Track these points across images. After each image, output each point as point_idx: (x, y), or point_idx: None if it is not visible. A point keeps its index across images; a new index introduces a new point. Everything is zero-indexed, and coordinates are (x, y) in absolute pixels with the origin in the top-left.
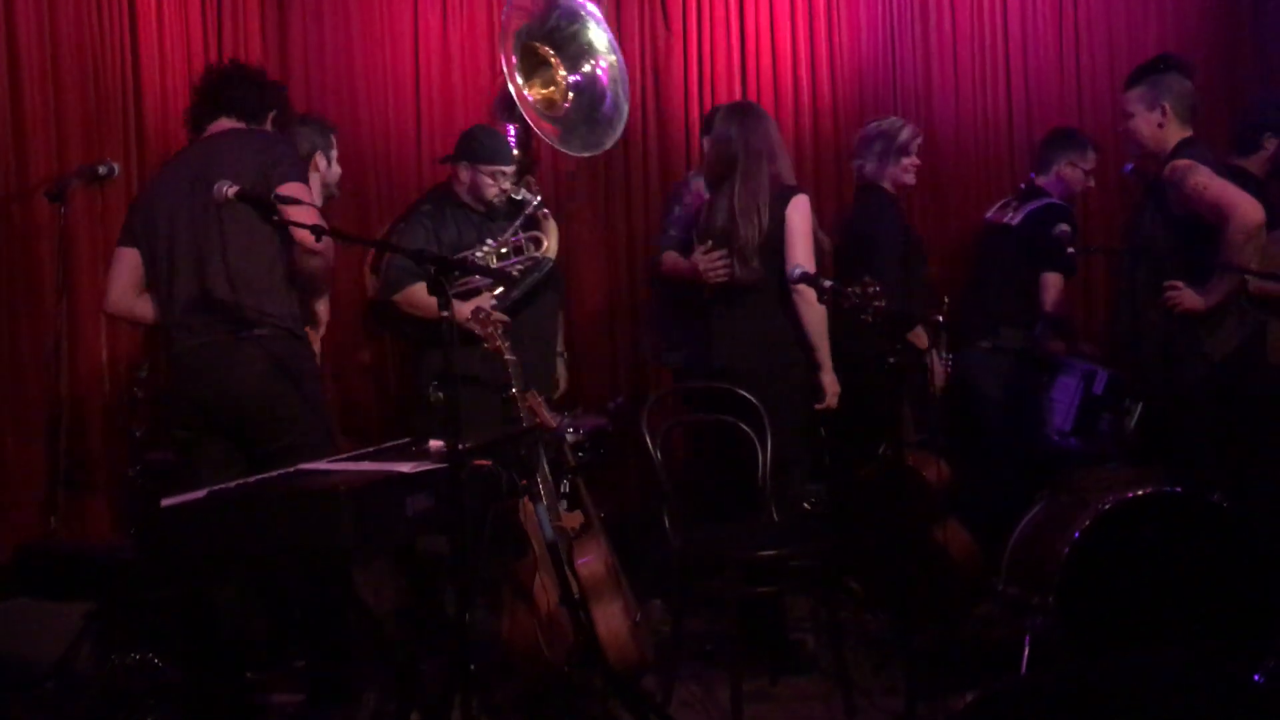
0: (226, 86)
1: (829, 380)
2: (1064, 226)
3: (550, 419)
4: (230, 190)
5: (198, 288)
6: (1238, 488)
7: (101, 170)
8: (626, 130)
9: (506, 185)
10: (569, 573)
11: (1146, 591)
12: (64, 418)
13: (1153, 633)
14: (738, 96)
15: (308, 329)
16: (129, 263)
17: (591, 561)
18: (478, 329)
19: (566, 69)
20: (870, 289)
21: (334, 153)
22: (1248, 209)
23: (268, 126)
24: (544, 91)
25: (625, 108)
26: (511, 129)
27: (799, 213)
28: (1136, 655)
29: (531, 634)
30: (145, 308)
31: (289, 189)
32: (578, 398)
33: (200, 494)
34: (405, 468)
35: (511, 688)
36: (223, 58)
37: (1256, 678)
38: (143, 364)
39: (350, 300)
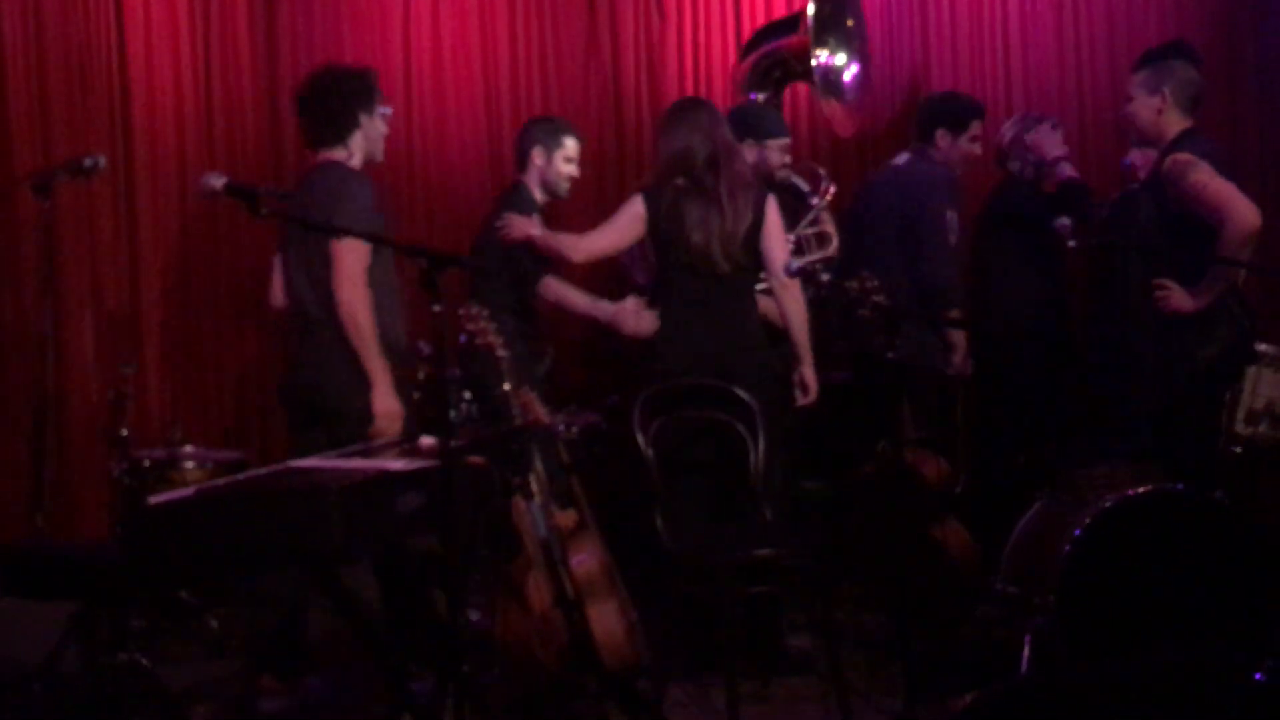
0: (309, 116)
1: (811, 375)
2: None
3: (544, 416)
4: (219, 183)
5: None
6: (1236, 485)
7: (87, 164)
8: (620, 122)
9: (788, 159)
10: (563, 572)
11: (1147, 590)
12: (50, 415)
13: (1154, 632)
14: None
15: None
16: None
17: (586, 560)
18: (469, 325)
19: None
20: (868, 284)
21: (560, 151)
22: (1246, 212)
23: (362, 125)
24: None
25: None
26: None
27: (775, 211)
28: (1137, 655)
29: (525, 635)
30: None
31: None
32: (572, 395)
33: (188, 492)
34: (396, 465)
35: (504, 689)
36: (210, 47)
37: (1258, 676)
38: (130, 361)
39: None
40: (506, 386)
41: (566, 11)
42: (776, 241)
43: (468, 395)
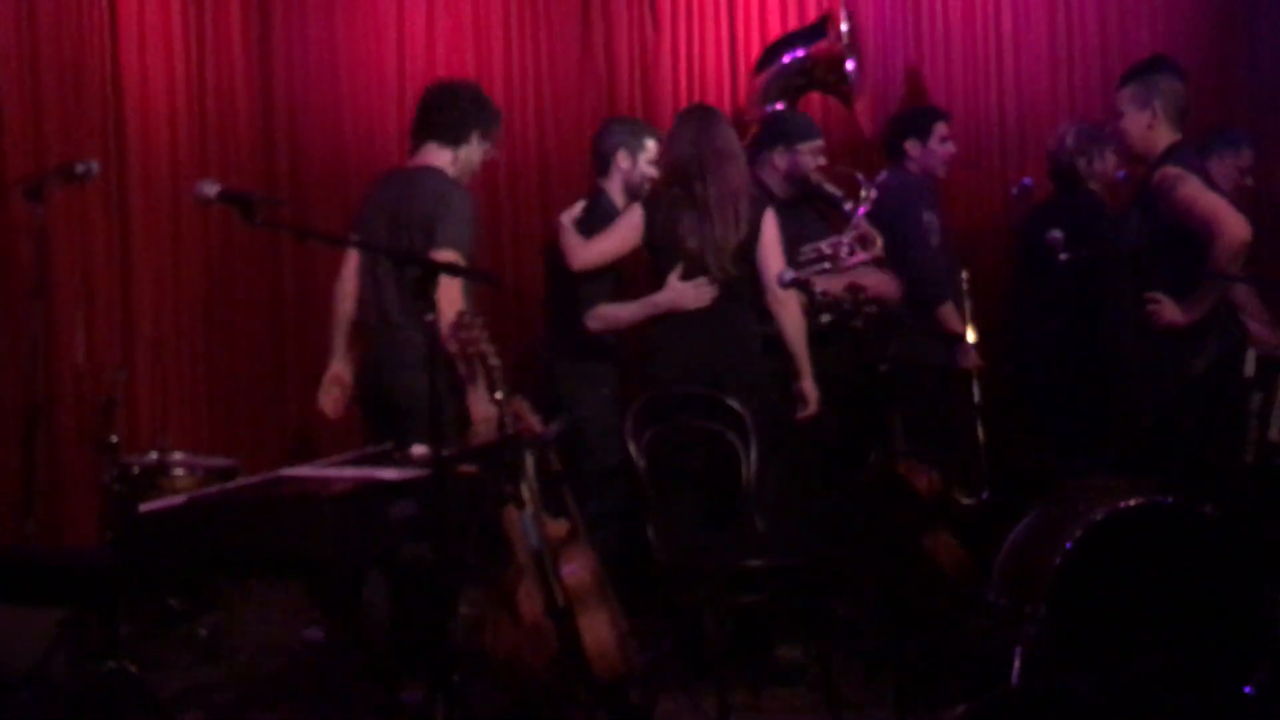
0: (430, 111)
1: (809, 386)
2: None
3: (536, 424)
4: (213, 190)
5: None
6: (1226, 498)
7: (80, 169)
8: None
9: (822, 161)
10: (554, 582)
11: (1138, 602)
12: (40, 420)
13: (1144, 644)
14: (728, 97)
15: None
16: None
17: (577, 570)
18: (460, 333)
19: None
20: (860, 295)
21: (644, 153)
22: (1236, 225)
23: (473, 143)
24: None
25: None
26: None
27: (772, 223)
28: (1128, 666)
29: (515, 644)
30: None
31: (444, 255)
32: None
33: (179, 499)
34: (388, 474)
35: (495, 699)
36: (204, 55)
37: (1247, 689)
38: (121, 367)
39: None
40: (499, 395)
41: (561, 20)
42: (771, 254)
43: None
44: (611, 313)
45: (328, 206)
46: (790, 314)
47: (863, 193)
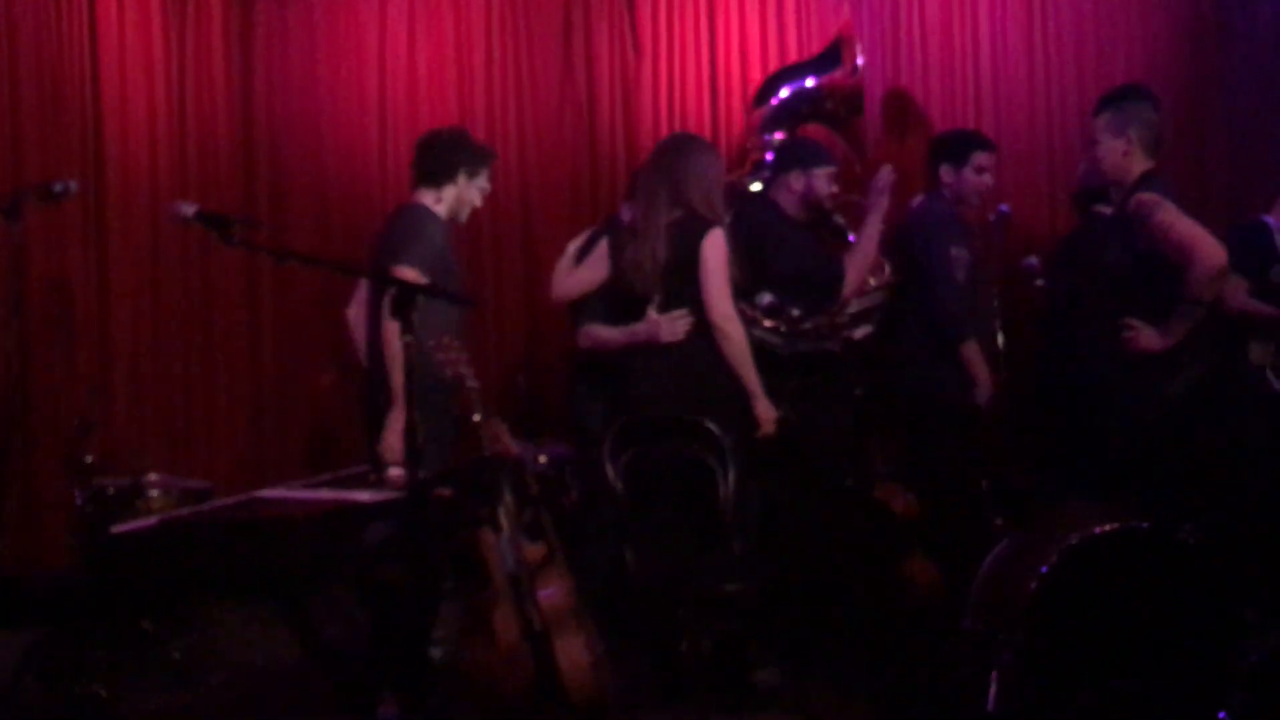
0: (416, 160)
1: (763, 407)
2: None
3: (513, 447)
4: (190, 211)
5: None
6: (1202, 523)
7: (57, 188)
8: (594, 155)
9: (834, 189)
10: (530, 605)
11: (1114, 627)
12: (14, 440)
13: (1120, 669)
14: (708, 121)
15: None
16: None
17: (553, 594)
18: (438, 355)
19: None
20: (838, 319)
21: None
22: (1212, 251)
23: (456, 183)
24: None
25: None
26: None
27: (713, 247)
28: (1104, 691)
29: (491, 667)
30: None
31: (402, 270)
32: (543, 426)
33: (152, 521)
34: (363, 496)
35: None
36: (185, 76)
37: (1221, 715)
38: (97, 387)
39: (306, 325)
40: (477, 417)
41: (542, 44)
42: (711, 280)
43: None
44: (598, 333)
45: (308, 228)
46: (730, 339)
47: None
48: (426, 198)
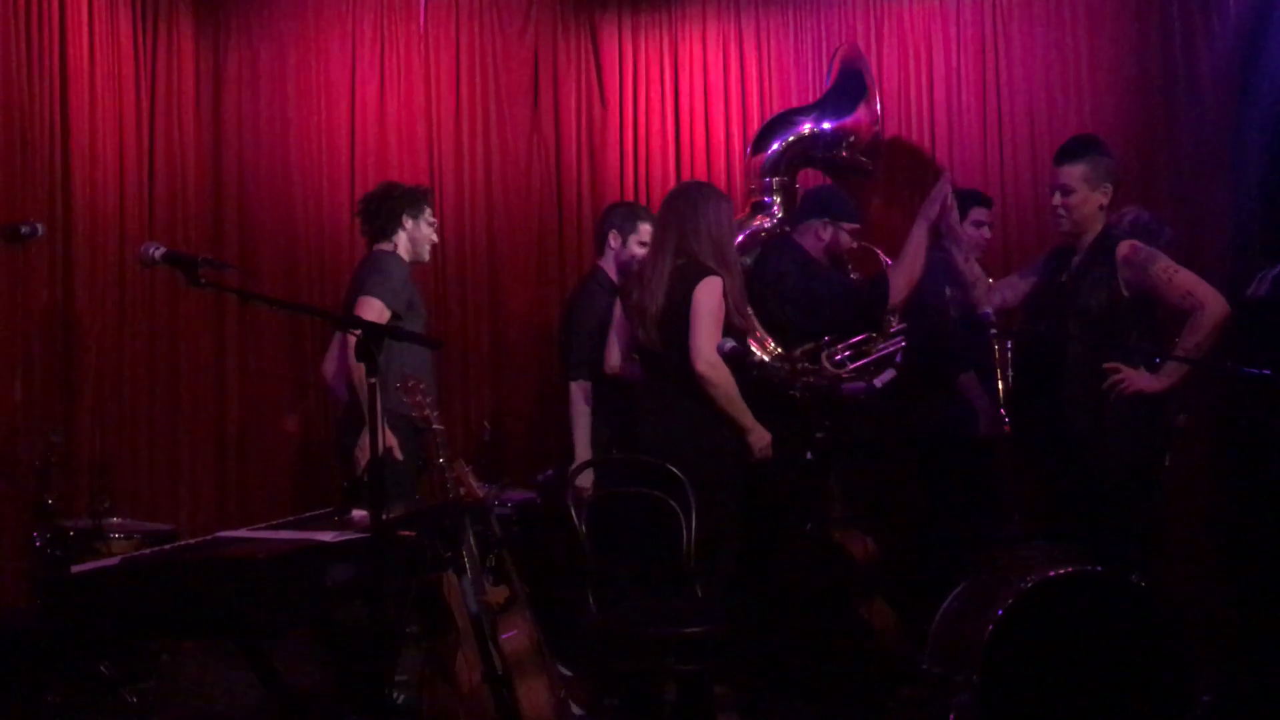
0: (363, 225)
1: (755, 437)
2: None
3: (477, 490)
4: (158, 252)
5: None
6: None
7: (24, 230)
8: (561, 203)
9: (855, 245)
10: (493, 649)
11: (1068, 669)
12: None
13: (1074, 711)
14: (672, 170)
15: None
16: None
17: (516, 636)
18: (405, 398)
19: None
20: (799, 364)
21: (635, 235)
22: (1218, 300)
23: (404, 228)
24: None
25: None
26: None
27: (706, 293)
28: None
29: (453, 710)
30: None
31: (364, 301)
32: (507, 469)
33: (113, 561)
34: (326, 537)
35: None
36: (155, 120)
37: None
38: (57, 427)
39: (271, 370)
40: (441, 460)
41: (510, 95)
42: (698, 325)
43: None
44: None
45: (276, 273)
46: (713, 384)
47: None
48: (385, 245)
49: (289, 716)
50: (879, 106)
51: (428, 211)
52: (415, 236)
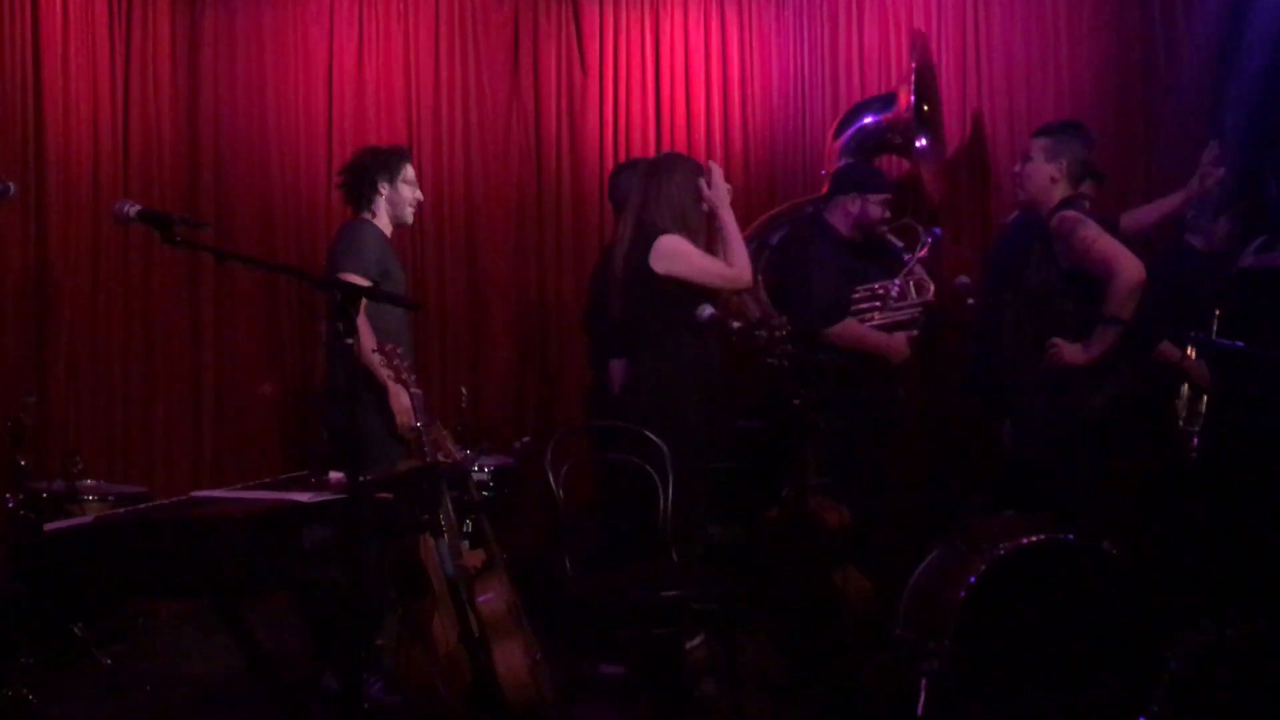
0: (344, 194)
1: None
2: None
3: (455, 454)
4: (132, 210)
5: None
6: (1123, 535)
7: None
8: (540, 170)
9: (887, 214)
10: (469, 611)
11: (1038, 636)
12: None
13: (1044, 676)
14: (652, 140)
15: None
16: None
17: (492, 599)
18: (381, 361)
19: None
20: (778, 332)
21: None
22: (1131, 266)
23: (381, 194)
24: None
25: None
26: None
27: (669, 247)
28: (1029, 698)
29: (428, 673)
30: None
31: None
32: (484, 437)
33: (86, 519)
34: (303, 498)
35: None
36: (130, 80)
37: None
38: (30, 388)
39: (247, 332)
40: (419, 424)
41: (490, 61)
42: (697, 269)
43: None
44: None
45: (252, 236)
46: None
47: (922, 240)
48: (365, 214)
49: (265, 679)
50: (911, 99)
51: (406, 170)
52: (394, 200)
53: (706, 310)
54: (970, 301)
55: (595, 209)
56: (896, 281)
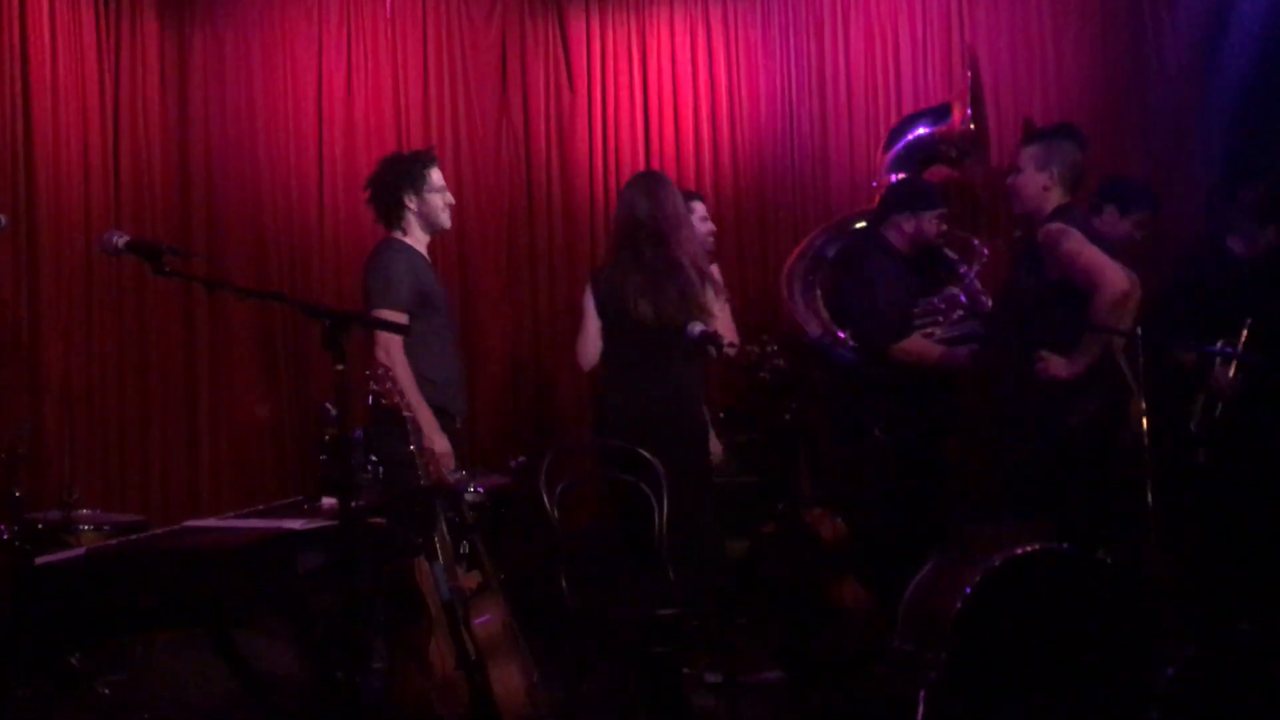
0: (374, 210)
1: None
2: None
3: (449, 476)
4: (121, 241)
5: None
6: (1113, 545)
7: None
8: (531, 188)
9: (944, 228)
10: (465, 634)
11: (1036, 645)
12: None
13: (1042, 685)
14: (641, 156)
15: None
16: None
17: (488, 621)
18: (374, 385)
19: None
20: (768, 348)
21: (693, 215)
22: (1115, 278)
23: (409, 208)
24: None
25: None
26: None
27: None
28: (1026, 708)
29: (426, 697)
30: None
31: (379, 314)
32: (479, 456)
33: (78, 552)
34: (295, 525)
35: None
36: (120, 110)
37: None
38: (24, 418)
39: (241, 359)
40: (413, 447)
41: (478, 81)
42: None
43: (373, 458)
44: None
45: (244, 263)
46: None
47: (976, 252)
48: (396, 233)
49: (261, 706)
50: (968, 111)
51: (431, 178)
52: (424, 211)
53: (697, 328)
54: (958, 314)
55: (586, 225)
56: (959, 294)
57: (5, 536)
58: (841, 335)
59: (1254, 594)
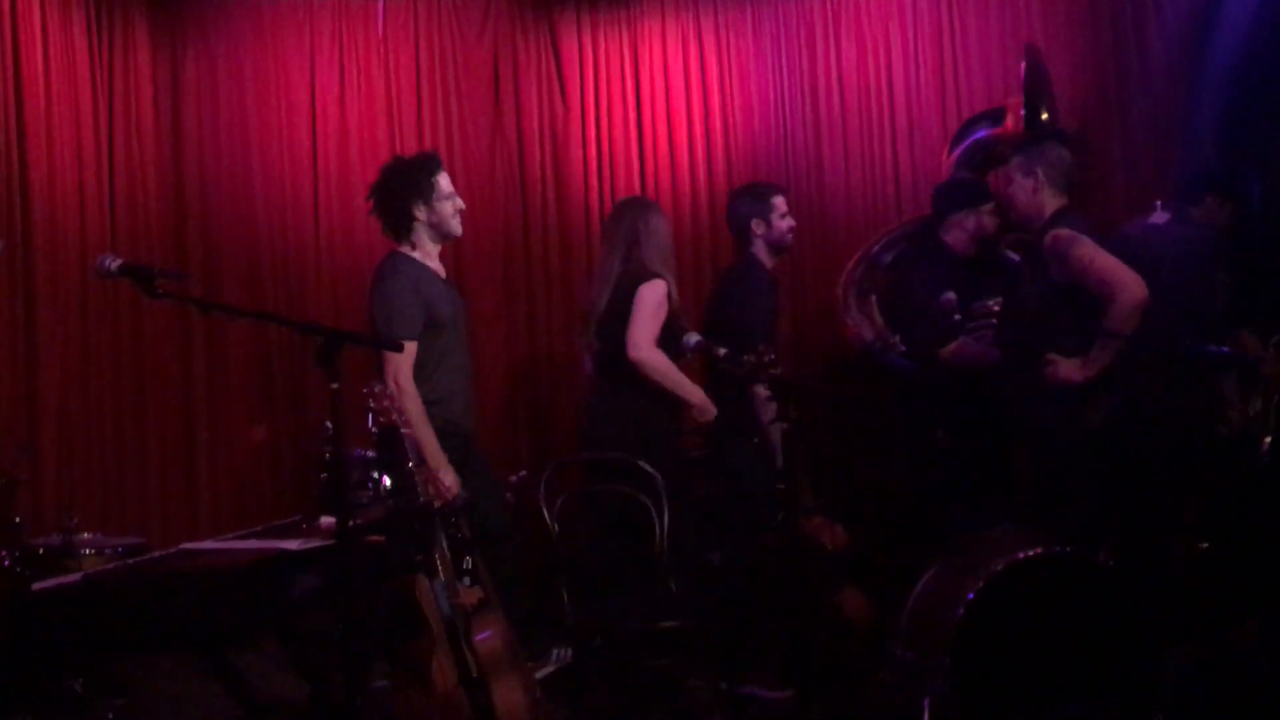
0: (382, 224)
1: (698, 409)
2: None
3: (448, 493)
4: (114, 264)
5: None
6: (1121, 549)
7: None
8: (526, 205)
9: (998, 219)
10: (467, 650)
11: (1038, 650)
12: None
13: (1046, 691)
14: (635, 169)
15: None
16: None
17: (489, 637)
18: (372, 404)
19: None
20: (765, 357)
21: (774, 212)
22: (1133, 285)
23: (418, 219)
24: None
25: None
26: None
27: (650, 291)
28: (1031, 714)
29: (428, 715)
30: None
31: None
32: None
33: (75, 578)
34: (291, 545)
35: None
36: (114, 131)
37: None
38: (22, 443)
39: (238, 380)
40: (411, 464)
41: (472, 98)
42: (635, 320)
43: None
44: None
45: (240, 282)
46: (649, 366)
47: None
48: (404, 246)
49: None
50: (1022, 108)
51: (439, 185)
52: (435, 221)
53: (693, 338)
54: (957, 318)
55: (582, 240)
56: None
57: (7, 563)
58: (895, 340)
59: None
